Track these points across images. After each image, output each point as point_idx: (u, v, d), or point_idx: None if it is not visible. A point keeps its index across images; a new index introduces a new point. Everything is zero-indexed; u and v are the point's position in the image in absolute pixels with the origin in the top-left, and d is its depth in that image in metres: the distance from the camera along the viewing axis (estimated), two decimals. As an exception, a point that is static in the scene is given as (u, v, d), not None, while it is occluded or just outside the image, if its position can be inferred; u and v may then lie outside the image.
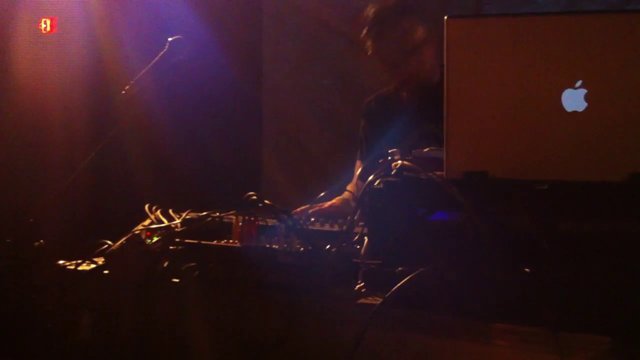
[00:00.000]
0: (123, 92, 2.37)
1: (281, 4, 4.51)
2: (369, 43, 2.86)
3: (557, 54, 1.62)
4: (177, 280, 1.92)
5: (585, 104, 1.59)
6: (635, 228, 1.52)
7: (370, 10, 2.85)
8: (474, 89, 1.67)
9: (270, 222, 2.00)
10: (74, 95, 3.68)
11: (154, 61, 2.37)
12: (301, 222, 2.04)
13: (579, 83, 1.59)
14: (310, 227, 2.09)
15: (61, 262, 2.17)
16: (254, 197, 1.95)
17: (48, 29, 3.97)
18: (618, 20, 1.61)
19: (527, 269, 1.53)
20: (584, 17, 1.65)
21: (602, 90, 1.58)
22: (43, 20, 3.95)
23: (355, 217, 1.89)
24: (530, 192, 1.62)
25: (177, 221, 2.09)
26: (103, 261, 2.08)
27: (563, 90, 1.60)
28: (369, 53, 2.87)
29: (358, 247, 1.88)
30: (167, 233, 2.04)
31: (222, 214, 2.10)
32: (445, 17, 1.67)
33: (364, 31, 2.86)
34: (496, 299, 1.53)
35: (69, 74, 3.70)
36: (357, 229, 1.93)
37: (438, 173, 1.71)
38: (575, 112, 1.59)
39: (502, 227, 1.61)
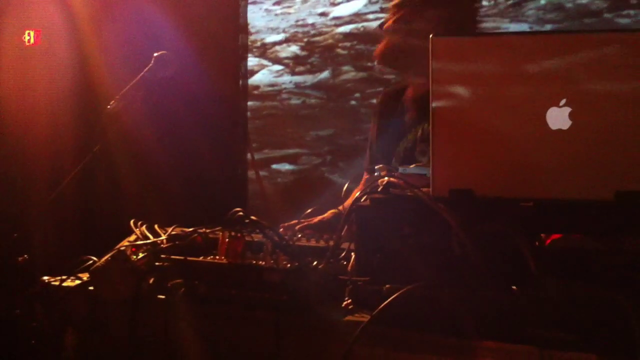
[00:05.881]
0: (108, 107, 2.35)
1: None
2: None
3: (541, 72, 1.63)
4: (163, 297, 1.91)
5: (570, 122, 1.60)
6: (622, 246, 1.53)
7: None
8: (459, 107, 1.69)
9: (257, 237, 2.00)
10: (60, 108, 3.67)
11: (139, 76, 2.36)
12: (287, 238, 2.04)
13: (563, 101, 1.60)
14: (296, 243, 2.08)
15: (45, 278, 2.16)
16: (241, 214, 1.95)
17: (32, 41, 3.95)
18: (601, 40, 1.62)
19: (514, 287, 1.54)
20: (568, 37, 1.67)
21: (586, 108, 1.60)
22: (27, 32, 3.94)
23: (342, 233, 1.89)
24: (516, 210, 1.63)
25: (163, 237, 2.09)
26: (88, 277, 2.06)
27: (548, 109, 1.61)
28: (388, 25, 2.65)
29: (345, 263, 1.89)
30: (153, 249, 2.03)
31: (208, 230, 2.09)
32: (431, 36, 1.68)
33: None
34: (483, 317, 1.54)
35: (54, 86, 3.69)
36: (344, 245, 1.93)
37: (424, 190, 1.71)
38: (560, 130, 1.61)
39: (489, 245, 1.62)
